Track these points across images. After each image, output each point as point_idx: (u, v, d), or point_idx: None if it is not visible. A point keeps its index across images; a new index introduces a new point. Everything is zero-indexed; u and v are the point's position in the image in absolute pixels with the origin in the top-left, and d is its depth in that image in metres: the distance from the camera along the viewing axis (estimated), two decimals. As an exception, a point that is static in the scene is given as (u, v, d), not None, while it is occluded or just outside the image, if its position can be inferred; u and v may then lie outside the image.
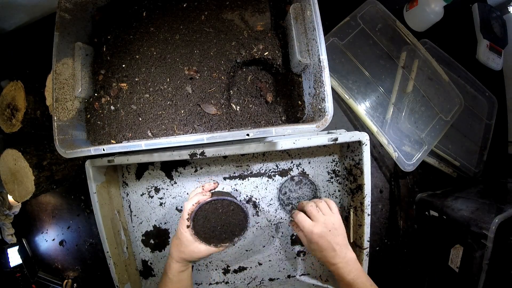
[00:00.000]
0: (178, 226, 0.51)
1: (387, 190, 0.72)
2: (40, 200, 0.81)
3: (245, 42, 0.50)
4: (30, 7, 0.72)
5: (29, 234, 0.84)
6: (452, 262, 0.59)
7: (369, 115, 0.64)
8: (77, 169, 0.71)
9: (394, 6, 0.73)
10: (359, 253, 0.56)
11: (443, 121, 0.67)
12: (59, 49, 0.51)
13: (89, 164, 0.57)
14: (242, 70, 0.54)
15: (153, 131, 0.51)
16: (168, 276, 0.52)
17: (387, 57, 0.67)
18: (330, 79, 0.41)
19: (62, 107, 0.52)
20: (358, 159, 0.54)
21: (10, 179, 0.64)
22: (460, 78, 0.73)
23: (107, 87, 0.55)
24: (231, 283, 0.67)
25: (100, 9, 0.58)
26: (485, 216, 0.53)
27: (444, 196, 0.67)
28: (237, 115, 0.52)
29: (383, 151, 0.71)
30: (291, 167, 0.63)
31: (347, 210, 0.60)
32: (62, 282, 0.80)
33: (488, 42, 0.73)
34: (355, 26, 0.66)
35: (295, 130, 0.40)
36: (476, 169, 0.73)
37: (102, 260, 0.78)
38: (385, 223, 0.73)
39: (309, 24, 0.44)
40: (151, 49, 0.53)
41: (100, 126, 0.55)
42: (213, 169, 0.63)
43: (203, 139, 0.42)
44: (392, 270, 0.73)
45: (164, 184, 0.65)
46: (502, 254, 0.52)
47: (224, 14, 0.52)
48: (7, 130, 0.65)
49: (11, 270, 0.80)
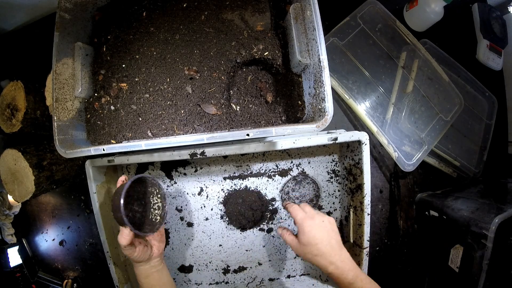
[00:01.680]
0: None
1: (387, 190, 0.72)
2: (40, 200, 0.81)
3: (245, 42, 0.50)
4: (30, 7, 0.72)
5: (29, 234, 0.84)
6: (452, 262, 0.59)
7: (369, 115, 0.64)
8: (77, 169, 0.71)
9: (394, 6, 0.73)
10: (359, 253, 0.56)
11: (443, 121, 0.67)
12: (59, 49, 0.51)
13: (89, 164, 0.57)
14: (242, 70, 0.54)
15: (153, 131, 0.51)
16: (142, 282, 0.51)
17: (387, 57, 0.67)
18: (330, 79, 0.41)
19: (62, 107, 0.52)
20: (358, 159, 0.54)
21: (10, 179, 0.64)
22: (460, 78, 0.73)
23: (107, 87, 0.55)
24: (231, 283, 0.67)
25: (100, 9, 0.58)
26: (485, 216, 0.53)
27: (444, 196, 0.67)
28: (237, 115, 0.52)
29: (383, 151, 0.71)
30: (291, 167, 0.63)
31: (347, 209, 0.60)
32: (62, 282, 0.80)
33: (488, 42, 0.73)
34: (355, 26, 0.66)
35: (295, 130, 0.40)
36: (476, 169, 0.73)
37: (102, 260, 0.78)
38: (385, 223, 0.73)
39: (309, 24, 0.44)
40: (151, 49, 0.53)
41: (100, 126, 0.55)
42: (213, 169, 0.63)
43: (203, 139, 0.42)
44: (392, 270, 0.73)
45: (164, 184, 0.65)
46: (502, 254, 0.52)
47: (224, 14, 0.52)
48: (7, 130, 0.65)
49: (11, 270, 0.80)
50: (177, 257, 0.67)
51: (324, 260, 0.46)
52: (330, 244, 0.46)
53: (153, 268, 0.51)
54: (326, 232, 0.47)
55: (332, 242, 0.47)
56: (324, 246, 0.46)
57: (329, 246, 0.46)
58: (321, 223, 0.48)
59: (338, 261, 0.46)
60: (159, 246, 0.52)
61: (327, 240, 0.46)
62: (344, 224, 0.63)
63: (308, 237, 0.47)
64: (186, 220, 0.66)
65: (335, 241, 0.47)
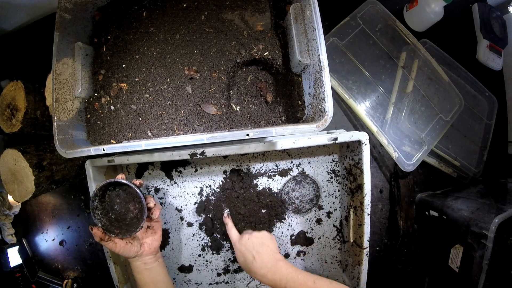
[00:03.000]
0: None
1: (387, 190, 0.72)
2: (40, 200, 0.81)
3: (245, 42, 0.50)
4: (30, 7, 0.72)
5: (29, 234, 0.84)
6: (452, 262, 0.59)
7: (369, 115, 0.64)
8: (77, 169, 0.71)
9: (394, 6, 0.72)
10: (359, 253, 0.56)
11: (443, 121, 0.67)
12: (59, 49, 0.51)
13: (89, 164, 0.57)
14: (242, 70, 0.54)
15: (153, 131, 0.51)
16: (136, 278, 0.53)
17: (387, 57, 0.67)
18: (330, 79, 0.41)
19: (62, 107, 0.52)
20: (358, 159, 0.54)
21: (10, 179, 0.64)
22: (460, 78, 0.73)
23: (107, 87, 0.55)
24: (231, 283, 0.67)
25: (100, 9, 0.58)
26: (485, 216, 0.53)
27: (444, 196, 0.67)
28: (237, 115, 0.52)
29: (383, 151, 0.71)
30: (291, 167, 0.63)
31: (347, 209, 0.60)
32: (62, 282, 0.80)
33: (488, 42, 0.73)
34: (355, 26, 0.66)
35: (295, 130, 0.40)
36: (476, 169, 0.73)
37: (102, 260, 0.78)
38: (385, 223, 0.73)
39: (309, 24, 0.44)
40: (151, 49, 0.53)
41: (100, 126, 0.55)
42: (213, 169, 0.63)
43: (203, 139, 0.42)
44: (392, 270, 0.73)
45: (164, 184, 0.65)
46: (502, 254, 0.52)
47: (224, 14, 0.52)
48: (7, 130, 0.65)
49: (11, 270, 0.80)
50: (177, 257, 0.67)
51: (255, 275, 0.50)
52: (252, 262, 0.50)
53: (147, 265, 0.52)
54: (249, 250, 0.51)
55: (256, 260, 0.50)
56: (249, 267, 0.51)
57: (252, 264, 0.50)
58: (247, 239, 0.53)
59: (269, 274, 0.48)
60: (150, 244, 0.53)
61: (249, 260, 0.51)
62: (344, 224, 0.63)
63: (237, 257, 0.54)
64: (186, 220, 0.66)
65: (260, 257, 0.50)
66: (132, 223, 0.50)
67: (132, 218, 0.51)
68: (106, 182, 0.48)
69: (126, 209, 0.51)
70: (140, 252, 0.51)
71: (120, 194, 0.51)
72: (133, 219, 0.51)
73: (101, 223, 0.48)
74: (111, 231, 0.48)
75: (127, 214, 0.51)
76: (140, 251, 0.51)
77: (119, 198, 0.51)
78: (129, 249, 0.50)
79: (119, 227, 0.50)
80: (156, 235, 0.54)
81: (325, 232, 0.65)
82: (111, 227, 0.49)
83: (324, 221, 0.64)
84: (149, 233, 0.54)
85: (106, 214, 0.50)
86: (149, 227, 0.55)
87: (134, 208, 0.51)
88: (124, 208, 0.51)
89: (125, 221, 0.51)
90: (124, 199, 0.51)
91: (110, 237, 0.48)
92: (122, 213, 0.51)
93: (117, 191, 0.51)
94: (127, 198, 0.51)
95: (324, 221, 0.64)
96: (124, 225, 0.50)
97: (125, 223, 0.50)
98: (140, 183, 0.50)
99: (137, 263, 0.52)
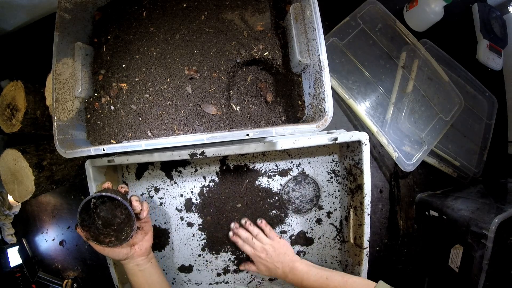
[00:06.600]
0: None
1: (387, 190, 0.72)
2: (40, 200, 0.81)
3: (245, 42, 0.50)
4: (30, 7, 0.72)
5: (29, 234, 0.84)
6: (452, 262, 0.59)
7: (369, 115, 0.64)
8: (77, 169, 0.71)
9: (394, 6, 0.73)
10: (359, 253, 0.56)
11: (443, 121, 0.67)
12: (59, 49, 0.51)
13: (89, 164, 0.57)
14: (242, 70, 0.54)
15: (153, 131, 0.51)
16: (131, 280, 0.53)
17: (387, 57, 0.67)
18: (330, 79, 0.41)
19: (62, 107, 0.52)
20: (358, 159, 0.54)
21: (10, 179, 0.64)
22: (460, 78, 0.73)
23: (107, 87, 0.55)
24: (231, 283, 0.67)
25: (100, 9, 0.58)
26: (485, 216, 0.53)
27: (444, 196, 0.67)
28: (237, 115, 0.52)
29: (383, 151, 0.71)
30: (291, 167, 0.63)
31: (347, 209, 0.60)
32: (62, 282, 0.80)
33: (488, 42, 0.73)
34: (355, 26, 0.66)
35: (295, 130, 0.40)
36: (476, 169, 0.73)
37: (102, 260, 0.78)
38: (385, 223, 0.73)
39: (309, 24, 0.44)
40: (151, 49, 0.53)
41: (100, 126, 0.55)
42: (213, 169, 0.63)
43: (203, 139, 0.42)
44: (392, 270, 0.73)
45: (164, 184, 0.65)
46: (502, 254, 0.52)
47: (224, 14, 0.52)
48: (7, 130, 0.65)
49: (11, 270, 0.80)
50: (177, 257, 0.67)
51: (279, 277, 0.58)
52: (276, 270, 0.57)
53: (140, 267, 0.52)
54: (271, 263, 0.57)
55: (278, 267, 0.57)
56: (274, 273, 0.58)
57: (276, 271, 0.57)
58: (266, 255, 0.58)
59: (289, 275, 0.56)
60: (141, 245, 0.53)
61: (274, 270, 0.58)
62: (344, 224, 0.63)
63: (261, 271, 0.60)
64: (186, 220, 0.66)
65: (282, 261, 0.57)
66: (120, 228, 0.50)
67: (119, 224, 0.50)
68: (90, 196, 0.47)
69: (113, 215, 0.51)
70: (131, 254, 0.51)
71: (105, 202, 0.50)
72: (121, 224, 0.50)
73: (90, 234, 0.48)
74: (101, 241, 0.48)
75: (114, 219, 0.51)
76: (130, 253, 0.51)
77: (105, 206, 0.50)
78: (118, 251, 0.49)
79: (108, 233, 0.50)
80: (146, 236, 0.54)
81: (325, 232, 0.65)
82: (100, 236, 0.49)
83: (324, 221, 0.64)
84: (139, 234, 0.53)
85: (93, 222, 0.49)
86: (138, 228, 0.53)
87: (121, 214, 0.51)
88: (111, 214, 0.51)
89: (112, 226, 0.50)
90: (110, 206, 0.51)
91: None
92: (109, 219, 0.51)
93: (103, 199, 0.50)
94: (113, 205, 0.51)
95: (324, 221, 0.64)
96: (113, 230, 0.50)
97: (113, 228, 0.50)
98: (126, 191, 0.50)
99: (130, 265, 0.52)
